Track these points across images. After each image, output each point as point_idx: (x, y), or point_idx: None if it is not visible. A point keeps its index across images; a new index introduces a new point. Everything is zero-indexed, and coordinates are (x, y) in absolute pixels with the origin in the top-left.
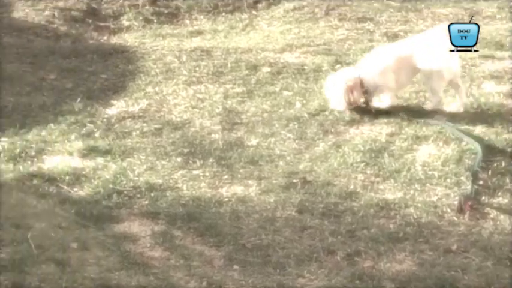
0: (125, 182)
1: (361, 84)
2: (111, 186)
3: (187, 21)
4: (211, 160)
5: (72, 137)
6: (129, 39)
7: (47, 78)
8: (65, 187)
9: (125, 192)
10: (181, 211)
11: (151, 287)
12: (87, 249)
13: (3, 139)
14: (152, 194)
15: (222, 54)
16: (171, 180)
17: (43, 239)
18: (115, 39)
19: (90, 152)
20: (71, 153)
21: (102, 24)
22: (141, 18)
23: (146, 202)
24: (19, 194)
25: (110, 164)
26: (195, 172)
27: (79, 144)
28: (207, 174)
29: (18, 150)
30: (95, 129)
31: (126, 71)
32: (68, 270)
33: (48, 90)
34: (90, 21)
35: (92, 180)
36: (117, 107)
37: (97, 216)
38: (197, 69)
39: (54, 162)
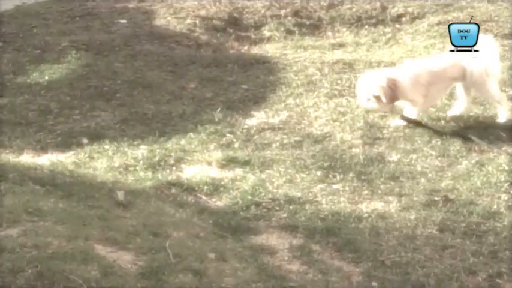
0: (263, 194)
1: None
2: (249, 197)
3: (330, 33)
4: (351, 175)
5: (212, 146)
6: (270, 50)
7: (187, 87)
8: (203, 197)
9: (264, 204)
10: (320, 225)
11: None
12: (224, 260)
13: (142, 147)
14: (291, 207)
15: (364, 67)
16: (310, 194)
17: (181, 248)
18: (256, 50)
19: (229, 162)
20: (210, 163)
21: (243, 34)
22: (282, 29)
23: (285, 215)
24: (157, 202)
25: (249, 175)
26: (334, 186)
27: (218, 155)
28: (347, 188)
29: (157, 159)
30: (235, 140)
31: (267, 82)
32: (205, 280)
33: (189, 99)
34: (231, 30)
35: (231, 191)
36: (257, 118)
37: (235, 228)
38: (339, 82)
39: (193, 172)
